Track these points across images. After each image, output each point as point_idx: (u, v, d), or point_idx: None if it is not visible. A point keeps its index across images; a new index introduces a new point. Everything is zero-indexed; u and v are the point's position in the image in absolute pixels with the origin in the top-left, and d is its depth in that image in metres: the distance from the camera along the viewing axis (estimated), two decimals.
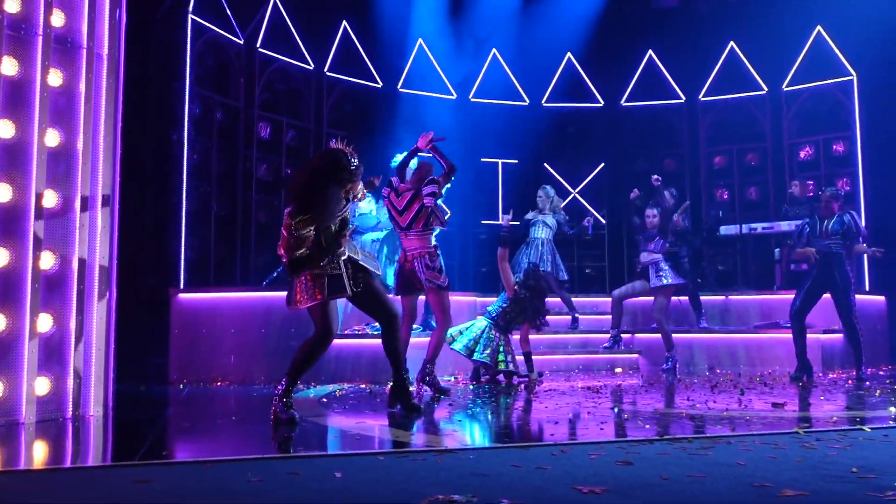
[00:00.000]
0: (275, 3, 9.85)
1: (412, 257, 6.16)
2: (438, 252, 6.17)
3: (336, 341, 7.08)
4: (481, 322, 7.12)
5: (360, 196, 4.75)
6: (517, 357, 7.12)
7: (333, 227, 4.47)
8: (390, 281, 6.86)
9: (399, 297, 6.29)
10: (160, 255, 8.30)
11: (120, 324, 5.15)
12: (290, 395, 4.42)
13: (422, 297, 6.49)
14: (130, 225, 7.33)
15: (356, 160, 4.51)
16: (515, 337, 7.22)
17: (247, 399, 6.07)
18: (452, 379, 7.31)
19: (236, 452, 3.73)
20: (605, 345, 8.57)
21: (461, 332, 7.08)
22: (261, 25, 9.72)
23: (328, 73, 10.54)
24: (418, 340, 6.85)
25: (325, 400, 5.78)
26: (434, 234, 6.18)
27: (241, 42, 9.48)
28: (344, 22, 10.68)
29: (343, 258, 4.52)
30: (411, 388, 5.17)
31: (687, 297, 8.83)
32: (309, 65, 10.31)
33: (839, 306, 7.27)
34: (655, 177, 8.55)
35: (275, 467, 3.22)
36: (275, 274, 8.18)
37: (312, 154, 10.20)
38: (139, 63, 7.97)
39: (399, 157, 6.28)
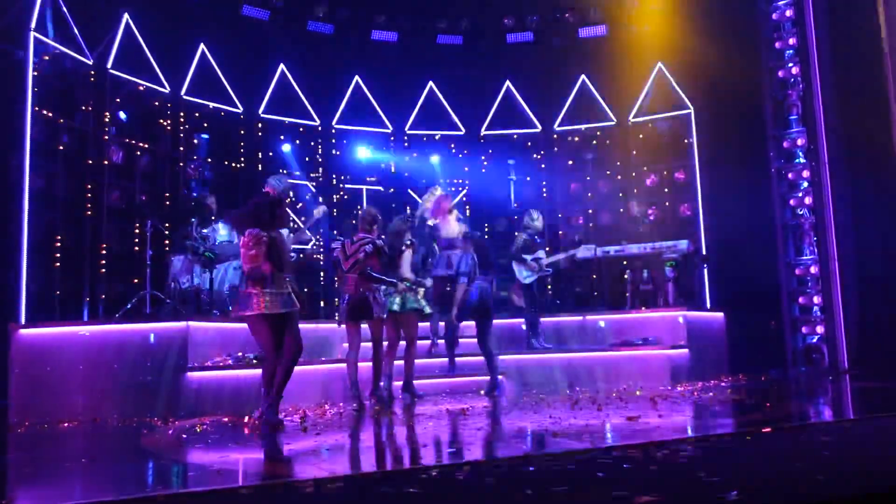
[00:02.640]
0: (127, 22, 9.44)
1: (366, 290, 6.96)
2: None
3: (197, 374, 6.85)
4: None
5: None
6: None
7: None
8: None
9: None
10: None
11: None
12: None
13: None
14: None
15: None
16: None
17: (98, 439, 5.69)
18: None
19: (87, 496, 3.50)
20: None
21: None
22: (112, 45, 9.28)
23: (185, 97, 10.20)
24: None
25: (184, 436, 5.52)
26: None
27: (90, 62, 9.00)
28: (202, 45, 10.39)
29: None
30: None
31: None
32: (164, 88, 9.94)
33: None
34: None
35: None
36: (129, 305, 7.77)
37: (167, 179, 9.84)
38: None
39: None
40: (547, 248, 9.63)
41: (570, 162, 12.09)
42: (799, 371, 10.00)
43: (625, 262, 10.43)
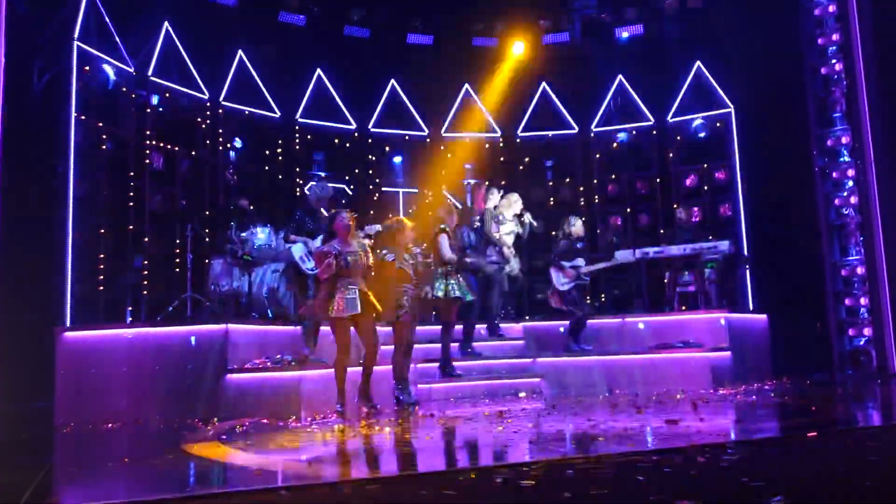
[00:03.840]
0: (167, 31, 9.62)
1: None
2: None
3: (236, 376, 6.93)
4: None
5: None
6: None
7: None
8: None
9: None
10: (43, 292, 7.85)
11: None
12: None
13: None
14: (11, 259, 6.92)
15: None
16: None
17: (140, 440, 5.79)
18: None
19: (130, 495, 3.55)
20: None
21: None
22: (153, 53, 9.46)
23: (224, 103, 10.35)
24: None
25: (224, 437, 5.58)
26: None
27: (132, 70, 9.18)
28: (240, 51, 10.53)
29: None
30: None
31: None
32: (204, 94, 10.09)
33: None
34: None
35: None
36: (170, 308, 7.88)
37: (207, 184, 9.98)
38: (21, 90, 7.60)
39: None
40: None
41: (607, 163, 11.98)
42: (845, 374, 9.76)
43: (665, 264, 10.28)
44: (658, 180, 11.59)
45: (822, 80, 10.44)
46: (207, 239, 9.00)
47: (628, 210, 11.75)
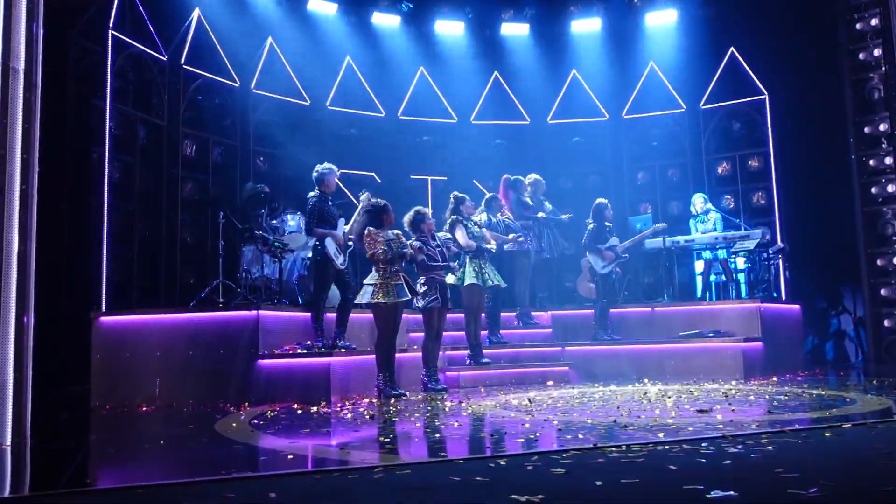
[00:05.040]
0: (199, 19, 9.69)
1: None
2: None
3: (267, 361, 7.01)
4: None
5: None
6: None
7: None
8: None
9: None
10: (80, 277, 7.99)
11: (37, 348, 4.93)
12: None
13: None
14: (48, 246, 7.03)
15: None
16: None
17: (173, 423, 5.88)
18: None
19: (165, 477, 3.62)
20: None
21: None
22: (185, 42, 9.54)
23: (254, 91, 10.41)
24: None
25: (256, 422, 5.65)
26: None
27: (165, 58, 9.27)
28: (269, 39, 10.58)
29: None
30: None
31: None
32: (235, 82, 10.16)
33: None
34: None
35: (207, 490, 3.13)
36: (202, 294, 7.96)
37: (238, 171, 10.06)
38: (58, 79, 7.70)
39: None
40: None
41: (637, 150, 11.86)
42: (881, 366, 9.60)
43: (696, 253, 10.17)
44: (689, 168, 11.46)
45: (860, 66, 10.21)
46: (239, 224, 9.07)
47: (659, 199, 11.62)
